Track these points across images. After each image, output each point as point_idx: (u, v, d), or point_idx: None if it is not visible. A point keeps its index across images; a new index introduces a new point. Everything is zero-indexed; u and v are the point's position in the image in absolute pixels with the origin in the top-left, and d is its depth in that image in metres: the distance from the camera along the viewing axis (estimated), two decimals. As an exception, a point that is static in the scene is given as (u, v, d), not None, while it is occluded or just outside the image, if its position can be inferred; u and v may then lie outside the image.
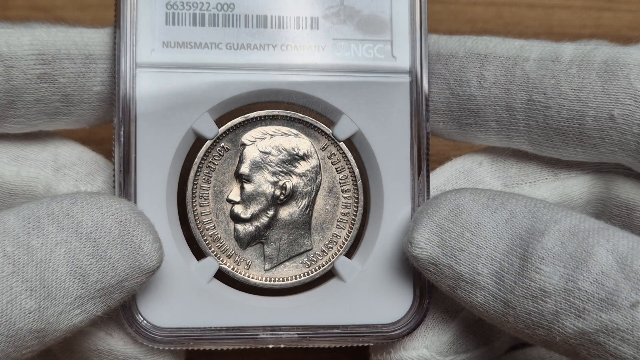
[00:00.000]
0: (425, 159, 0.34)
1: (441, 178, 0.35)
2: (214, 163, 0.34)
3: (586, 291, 0.28)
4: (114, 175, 0.33)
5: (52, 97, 0.33)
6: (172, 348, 0.33)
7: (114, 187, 0.33)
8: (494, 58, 0.34)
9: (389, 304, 0.34)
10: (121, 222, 0.31)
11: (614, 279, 0.28)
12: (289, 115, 0.34)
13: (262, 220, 0.34)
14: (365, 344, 0.34)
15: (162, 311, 0.33)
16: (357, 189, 0.35)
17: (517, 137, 0.34)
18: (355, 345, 0.34)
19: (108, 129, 0.34)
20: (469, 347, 0.34)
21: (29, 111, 0.33)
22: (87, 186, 0.34)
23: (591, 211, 0.35)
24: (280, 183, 0.34)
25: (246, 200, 0.34)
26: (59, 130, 0.35)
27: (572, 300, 0.29)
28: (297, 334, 0.34)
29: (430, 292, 0.34)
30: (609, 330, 0.28)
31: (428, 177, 0.34)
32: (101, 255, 0.30)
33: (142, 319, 0.33)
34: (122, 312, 0.33)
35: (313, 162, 0.35)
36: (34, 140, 0.35)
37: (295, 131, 0.35)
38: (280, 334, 0.34)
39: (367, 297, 0.34)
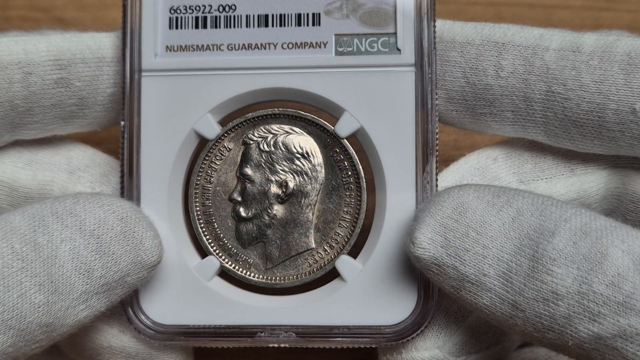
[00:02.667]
0: (432, 154, 0.33)
1: (456, 175, 0.34)
2: (215, 163, 0.34)
3: (602, 294, 0.28)
4: (120, 177, 0.34)
5: (69, 101, 0.34)
6: (172, 344, 0.34)
7: (119, 188, 0.34)
8: (512, 47, 0.33)
9: (391, 305, 0.34)
10: (122, 219, 0.31)
11: (632, 281, 0.28)
12: (290, 113, 0.34)
13: (263, 220, 0.34)
14: (366, 346, 0.34)
15: (163, 308, 0.34)
16: (360, 187, 0.34)
17: (533, 128, 0.34)
18: (355, 346, 0.34)
19: (108, 130, 0.34)
20: (481, 346, 0.34)
21: (45, 116, 0.34)
22: (102, 187, 0.34)
23: (606, 207, 0.35)
24: (282, 182, 0.34)
25: (248, 199, 0.34)
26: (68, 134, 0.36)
27: (587, 303, 0.28)
28: (297, 333, 0.34)
29: (435, 294, 0.33)
30: (628, 335, 0.28)
31: (432, 174, 0.33)
32: (104, 251, 0.31)
33: (144, 317, 0.33)
34: (124, 309, 0.33)
35: (315, 160, 0.34)
36: (46, 144, 0.35)
37: (297, 129, 0.34)
38: (279, 334, 0.34)
39: (368, 298, 0.34)
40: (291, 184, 0.34)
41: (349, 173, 0.34)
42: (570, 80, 0.32)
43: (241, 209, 0.34)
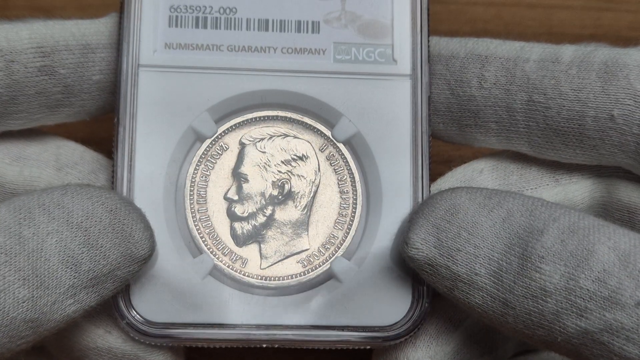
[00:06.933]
0: (426, 161, 0.34)
1: (443, 188, 0.35)
2: (212, 161, 0.34)
3: (588, 290, 0.28)
4: (112, 172, 0.33)
5: (53, 89, 0.33)
6: (164, 344, 0.33)
7: (112, 184, 0.33)
8: (494, 59, 0.34)
9: (386, 306, 0.34)
10: (111, 210, 0.31)
11: (617, 277, 0.28)
12: (288, 116, 0.35)
13: (259, 219, 0.34)
14: (361, 347, 0.34)
15: (155, 306, 0.33)
16: (356, 191, 0.35)
17: (517, 138, 0.34)
18: (350, 347, 0.34)
19: (108, 129, 0.34)
20: (473, 356, 0.34)
21: (30, 105, 0.33)
22: None
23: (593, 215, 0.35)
24: (279, 183, 0.34)
25: (244, 198, 0.34)
26: (60, 131, 0.35)
27: (574, 299, 0.28)
28: (292, 333, 0.33)
29: (429, 295, 0.34)
30: (614, 329, 0.28)
31: (428, 180, 0.34)
32: (92, 244, 0.30)
33: (135, 313, 0.33)
34: (115, 306, 0.33)
35: (312, 162, 0.35)
36: (35, 140, 0.35)
37: (294, 132, 0.35)
38: (274, 333, 0.33)
39: (363, 298, 0.34)
40: (287, 186, 0.34)
41: (345, 176, 0.35)
42: (550, 89, 0.33)
43: (237, 208, 0.34)
